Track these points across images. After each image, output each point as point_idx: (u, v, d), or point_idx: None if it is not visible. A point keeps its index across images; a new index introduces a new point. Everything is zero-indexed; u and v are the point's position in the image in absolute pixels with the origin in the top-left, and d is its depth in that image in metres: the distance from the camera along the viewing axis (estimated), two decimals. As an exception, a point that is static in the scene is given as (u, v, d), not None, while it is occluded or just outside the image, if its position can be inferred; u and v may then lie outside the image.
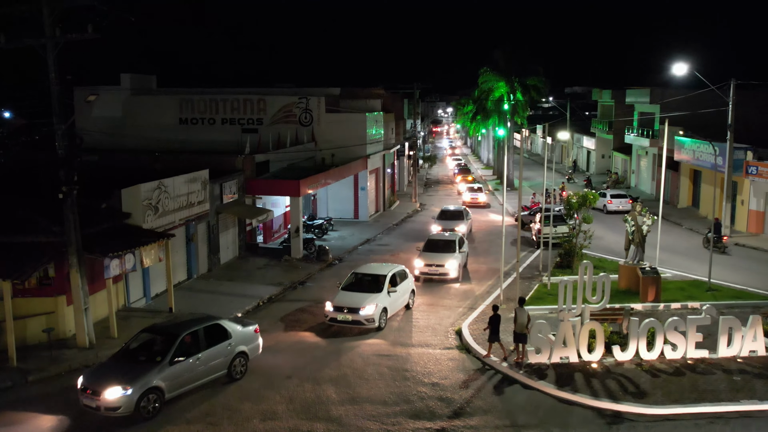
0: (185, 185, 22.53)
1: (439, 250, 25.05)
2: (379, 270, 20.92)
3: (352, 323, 18.88)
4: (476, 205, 42.96)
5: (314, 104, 37.75)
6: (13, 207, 18.13)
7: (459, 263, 24.73)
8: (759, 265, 27.13)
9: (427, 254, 24.97)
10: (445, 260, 24.41)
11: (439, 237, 26.87)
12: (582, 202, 24.30)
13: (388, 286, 19.80)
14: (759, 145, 36.06)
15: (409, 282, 21.29)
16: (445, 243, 25.63)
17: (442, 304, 22.03)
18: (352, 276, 20.91)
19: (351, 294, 19.55)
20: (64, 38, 16.04)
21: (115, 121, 39.43)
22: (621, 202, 40.53)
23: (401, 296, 20.55)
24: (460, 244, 25.75)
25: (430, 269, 24.39)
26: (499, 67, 52.68)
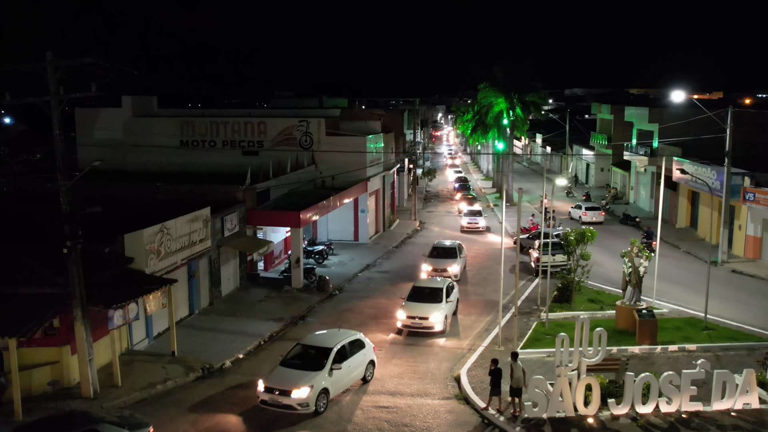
0: (187, 225, 22.76)
1: (425, 300, 23.26)
2: (326, 341, 18.28)
3: (284, 407, 16.46)
4: (475, 230, 42.29)
5: (314, 127, 37.97)
6: (17, 254, 18.38)
7: (446, 315, 23.04)
8: (755, 297, 27.34)
9: (411, 304, 23.19)
10: (430, 312, 22.63)
11: (425, 284, 24.79)
12: (580, 239, 24.51)
13: (333, 363, 17.28)
14: (758, 166, 36.30)
15: (365, 352, 18.76)
16: (432, 292, 23.72)
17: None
18: (296, 347, 18.52)
19: (287, 371, 17.14)
20: (68, 96, 16.26)
21: (116, 143, 39.69)
22: (594, 213, 43.95)
23: (352, 372, 18.08)
24: (447, 292, 23.94)
25: (413, 322, 22.67)
26: (498, 84, 52.94)
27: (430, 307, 22.92)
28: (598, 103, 61.15)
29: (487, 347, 21.47)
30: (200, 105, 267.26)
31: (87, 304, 17.23)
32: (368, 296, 27.87)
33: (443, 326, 22.75)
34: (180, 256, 22.35)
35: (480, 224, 42.43)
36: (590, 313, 24.58)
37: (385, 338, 22.78)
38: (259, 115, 39.93)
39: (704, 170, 37.33)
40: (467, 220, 42.87)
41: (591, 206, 45.43)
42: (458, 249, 31.66)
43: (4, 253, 18.58)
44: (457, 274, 29.82)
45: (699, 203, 40.44)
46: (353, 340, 18.70)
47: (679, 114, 44.27)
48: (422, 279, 26.66)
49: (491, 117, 54.66)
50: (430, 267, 29.92)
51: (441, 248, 31.70)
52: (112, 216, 22.30)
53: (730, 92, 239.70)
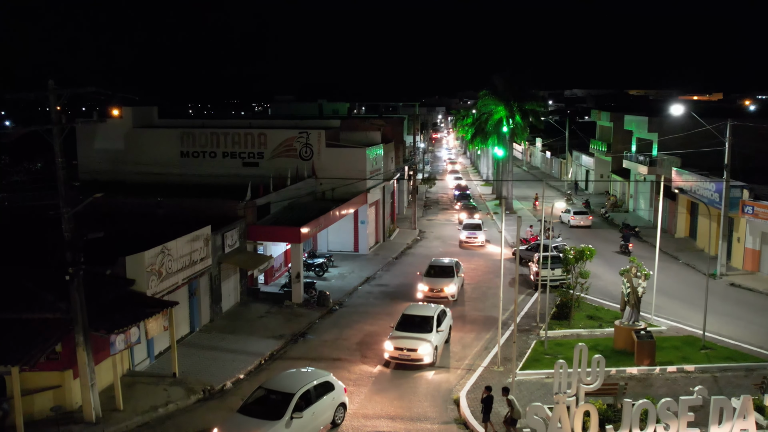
0: (188, 245, 22.88)
1: (414, 329, 22.09)
2: (290, 385, 17.02)
3: None
4: (474, 245, 41.24)
5: (314, 138, 38.08)
6: (19, 278, 18.51)
7: (436, 345, 21.95)
8: (753, 313, 27.46)
9: (399, 334, 22.03)
10: (419, 343, 21.48)
11: (415, 312, 23.46)
12: (579, 257, 24.64)
13: (293, 411, 16.11)
14: (757, 177, 36.40)
15: (333, 395, 17.66)
16: (422, 321, 22.51)
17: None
18: (258, 390, 17.35)
19: (243, 420, 16.06)
20: (71, 125, 16.37)
21: (117, 153, 39.86)
22: (582, 218, 47.11)
23: (317, 418, 16.92)
24: (439, 321, 22.80)
25: (401, 354, 21.50)
26: (498, 92, 53.10)
27: (419, 338, 21.76)
28: (598, 110, 61.26)
29: (487, 367, 21.59)
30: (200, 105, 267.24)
31: (89, 329, 17.34)
32: (368, 312, 27.99)
33: (433, 358, 21.60)
34: (181, 276, 22.47)
35: (479, 239, 41.29)
36: (589, 331, 24.75)
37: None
38: (260, 126, 40.05)
39: (703, 182, 37.44)
40: (466, 235, 41.64)
41: (579, 211, 48.37)
42: (455, 267, 30.55)
43: (5, 277, 18.71)
44: (454, 294, 29.02)
45: (698, 213, 40.55)
46: (321, 383, 17.45)
47: (679, 123, 44.37)
48: (412, 305, 24.82)
49: (491, 124, 54.86)
50: (427, 287, 29.08)
51: (438, 267, 30.57)
52: (114, 233, 22.48)
53: (730, 93, 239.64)
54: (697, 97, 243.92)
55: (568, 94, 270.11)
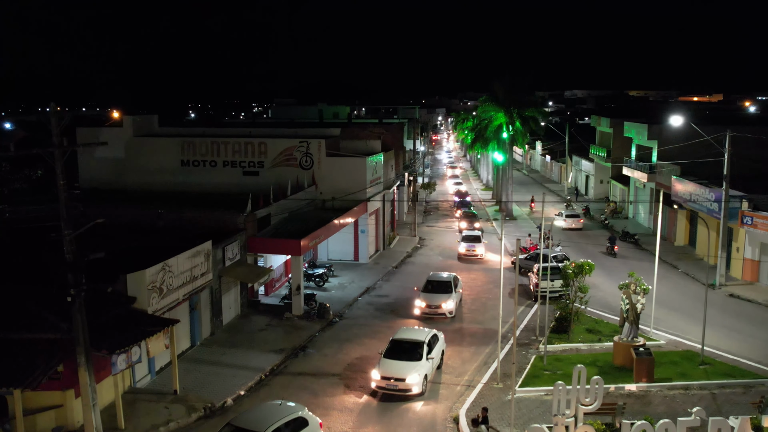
0: (189, 261, 22.96)
1: (403, 356, 21.05)
2: (258, 423, 16.32)
3: None
4: (473, 258, 40.11)
5: (315, 148, 38.16)
6: (20, 298, 18.61)
7: (426, 373, 20.86)
8: (752, 325, 27.55)
9: (387, 362, 20.99)
10: (407, 372, 20.38)
11: (405, 337, 22.30)
12: (578, 271, 24.73)
13: None
14: (757, 186, 36.47)
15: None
16: (411, 347, 21.43)
17: None
18: (226, 427, 16.72)
19: None
20: (72, 148, 16.44)
21: (118, 162, 39.93)
22: (573, 221, 49.24)
23: None
24: (430, 347, 21.73)
25: (389, 384, 20.37)
26: (497, 98, 53.20)
27: (408, 367, 20.65)
28: (598, 116, 61.28)
29: (486, 384, 21.69)
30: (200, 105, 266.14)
31: (90, 349, 17.41)
32: (368, 324, 28.10)
33: (422, 388, 20.52)
34: (182, 292, 22.55)
35: (479, 251, 40.07)
36: (588, 345, 24.85)
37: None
38: (260, 135, 40.11)
39: (702, 191, 37.52)
40: (465, 247, 40.40)
41: (570, 214, 50.42)
42: (453, 282, 29.93)
43: (7, 296, 18.81)
44: (452, 311, 28.56)
45: (698, 222, 40.61)
46: (293, 419, 16.72)
47: (679, 130, 44.42)
48: (403, 329, 23.58)
49: (491, 130, 54.93)
50: (424, 303, 28.61)
51: (436, 282, 29.95)
52: (114, 247, 22.55)
53: (730, 94, 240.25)
54: (698, 98, 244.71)
55: (568, 94, 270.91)
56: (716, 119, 49.77)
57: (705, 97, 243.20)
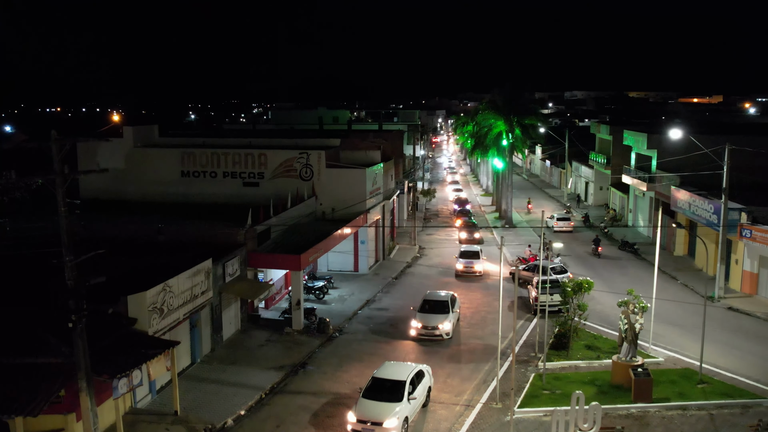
0: (189, 280, 23.04)
1: (383, 397, 19.67)
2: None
3: None
4: (472, 274, 38.60)
5: (314, 159, 38.25)
6: (22, 321, 18.70)
7: (407, 415, 19.49)
8: (750, 341, 27.62)
9: (364, 403, 19.66)
10: (385, 415, 18.94)
11: (387, 373, 20.89)
12: (577, 289, 24.83)
13: None
14: (756, 196, 36.56)
15: None
16: (393, 386, 20.03)
17: None
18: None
19: None
20: (73, 176, 16.52)
21: (118, 172, 39.98)
22: (564, 224, 51.72)
23: None
24: (413, 384, 20.37)
25: (365, 428, 19.02)
26: (497, 107, 53.31)
27: (386, 409, 19.16)
28: (597, 123, 61.34)
29: (485, 404, 21.77)
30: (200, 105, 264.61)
31: (92, 374, 17.50)
32: (367, 339, 28.18)
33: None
34: (182, 312, 22.64)
35: (477, 268, 38.51)
36: (587, 363, 24.94)
37: None
38: (260, 145, 40.21)
39: (701, 203, 37.60)
40: (463, 264, 38.63)
41: (561, 217, 53.14)
42: (451, 302, 29.09)
43: (8, 319, 18.89)
44: (449, 332, 27.71)
45: (696, 232, 40.64)
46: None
47: (679, 140, 44.54)
48: (386, 365, 21.90)
49: (491, 138, 55.07)
50: (419, 324, 27.77)
51: (432, 301, 29.06)
52: (115, 264, 22.68)
53: (730, 96, 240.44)
54: (698, 100, 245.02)
55: (568, 95, 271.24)
56: (716, 128, 49.78)
57: (705, 99, 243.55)
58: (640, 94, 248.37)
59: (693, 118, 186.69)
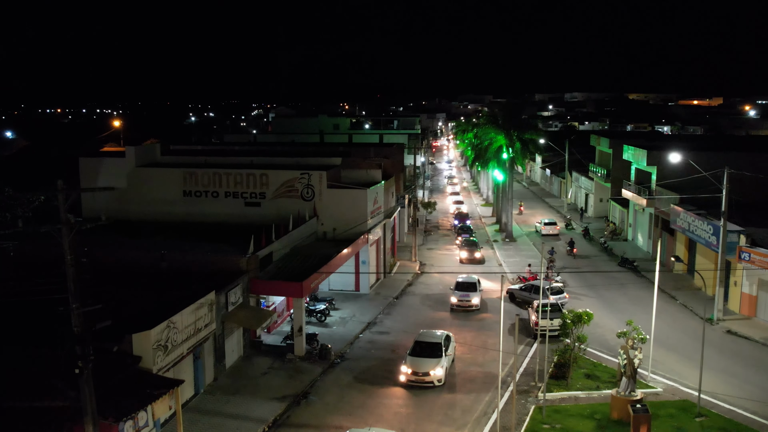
0: (192, 314, 23.28)
1: None
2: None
3: None
4: (468, 308, 36.01)
5: (316, 179, 38.46)
6: (28, 362, 18.93)
7: None
8: (749, 368, 27.86)
9: None
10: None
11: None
12: (577, 321, 25.06)
13: None
14: (756, 216, 36.82)
15: None
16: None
17: None
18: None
19: None
20: (79, 226, 16.75)
21: (121, 192, 40.21)
22: (551, 228, 56.29)
23: None
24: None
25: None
26: (497, 121, 53.57)
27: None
28: (597, 136, 61.52)
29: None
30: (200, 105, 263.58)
31: (98, 417, 17.73)
32: (369, 367, 28.34)
33: None
34: (186, 346, 22.87)
35: (473, 301, 35.85)
36: (587, 394, 25.16)
37: None
38: (261, 165, 40.41)
39: (701, 223, 37.81)
40: (459, 296, 35.95)
41: (548, 222, 57.27)
42: (444, 344, 27.09)
43: (16, 360, 19.13)
44: (441, 379, 25.77)
45: (696, 251, 40.88)
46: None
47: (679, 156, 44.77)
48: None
49: (491, 152, 55.34)
50: (410, 369, 25.88)
51: (424, 343, 27.08)
52: (119, 295, 22.97)
53: (730, 98, 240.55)
54: (698, 102, 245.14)
55: (568, 97, 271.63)
56: (717, 143, 49.91)
57: (705, 101, 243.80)
58: (640, 96, 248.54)
59: (694, 121, 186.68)
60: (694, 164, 35.90)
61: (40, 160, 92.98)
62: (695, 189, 39.50)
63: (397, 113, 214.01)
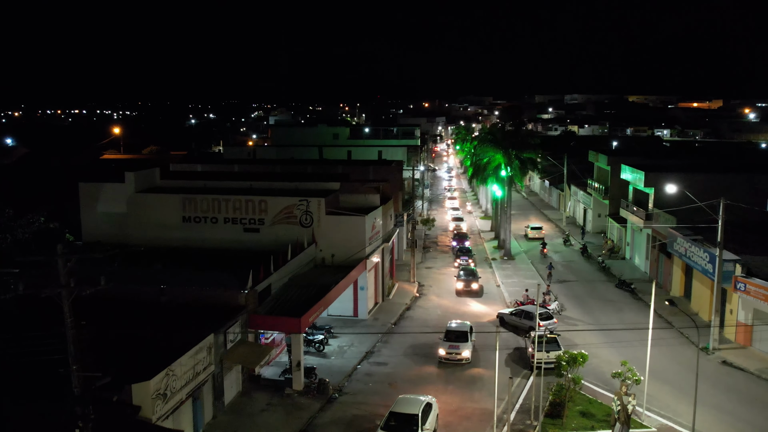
0: (191, 359, 23.53)
1: None
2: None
3: None
4: (457, 362, 32.44)
5: (314, 206, 38.69)
6: (30, 417, 19.18)
7: None
8: (743, 404, 28.04)
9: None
10: None
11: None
12: (572, 362, 25.30)
13: None
14: (753, 241, 37.04)
15: None
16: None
17: None
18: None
19: None
20: (78, 289, 16.99)
21: (120, 217, 40.52)
22: (537, 231, 62.00)
23: None
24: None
25: None
26: (496, 140, 53.82)
27: None
28: (595, 152, 61.73)
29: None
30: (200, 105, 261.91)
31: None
32: (366, 402, 28.53)
33: None
34: (185, 391, 23.12)
35: (464, 354, 32.30)
36: (582, 435, 25.40)
37: None
38: (261, 190, 40.64)
39: (697, 250, 38.03)
40: (447, 348, 32.46)
41: (534, 227, 63.11)
42: (421, 416, 23.98)
43: (14, 416, 19.37)
44: None
45: (693, 275, 41.08)
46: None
47: (676, 179, 45.03)
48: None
49: (490, 169, 55.60)
50: None
51: (400, 415, 24.23)
52: (119, 337, 23.26)
53: (730, 101, 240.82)
54: (698, 104, 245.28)
55: (568, 99, 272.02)
56: (714, 166, 50.06)
57: (705, 104, 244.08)
58: (640, 98, 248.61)
59: (694, 125, 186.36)
60: (690, 195, 36.08)
61: (40, 170, 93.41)
62: (694, 211, 39.67)
63: (397, 116, 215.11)
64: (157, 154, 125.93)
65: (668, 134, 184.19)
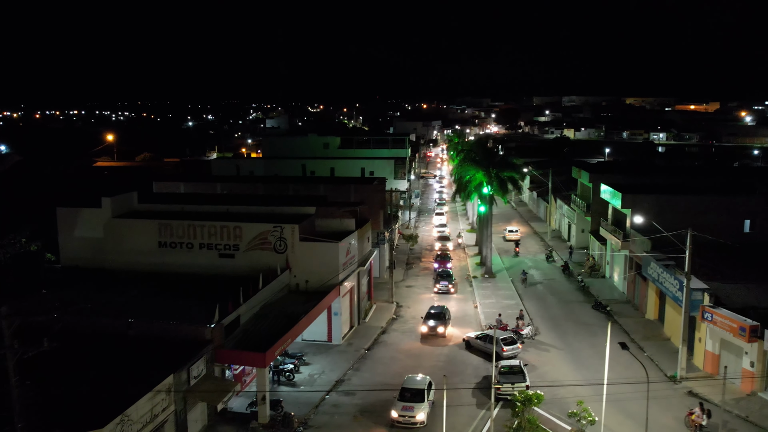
0: (149, 402, 23.82)
1: None
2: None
3: None
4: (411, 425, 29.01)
5: (288, 233, 38.96)
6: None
7: None
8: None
9: None
10: None
11: None
12: (527, 402, 25.59)
13: None
14: (723, 265, 37.26)
15: None
16: None
17: None
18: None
19: None
20: (22, 350, 17.30)
21: (97, 241, 40.88)
22: (514, 233, 68.23)
23: None
24: None
25: None
26: (477, 160, 54.16)
27: None
28: (578, 168, 61.92)
29: None
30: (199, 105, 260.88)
31: None
32: (330, 438, 28.91)
33: None
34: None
35: (418, 416, 28.76)
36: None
37: None
38: (236, 215, 40.95)
39: (668, 276, 38.26)
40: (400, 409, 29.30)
41: (511, 229, 68.99)
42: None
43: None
44: None
45: (666, 300, 41.31)
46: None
47: (651, 202, 45.27)
48: None
49: (472, 186, 55.91)
50: None
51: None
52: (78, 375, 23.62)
53: (726, 103, 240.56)
54: (694, 107, 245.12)
55: (565, 101, 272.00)
56: (693, 188, 50.22)
57: (702, 106, 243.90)
58: (637, 100, 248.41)
59: (690, 128, 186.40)
60: (657, 226, 36.29)
61: (32, 178, 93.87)
62: (670, 230, 39.89)
63: (393, 119, 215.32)
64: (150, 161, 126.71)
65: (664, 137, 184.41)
